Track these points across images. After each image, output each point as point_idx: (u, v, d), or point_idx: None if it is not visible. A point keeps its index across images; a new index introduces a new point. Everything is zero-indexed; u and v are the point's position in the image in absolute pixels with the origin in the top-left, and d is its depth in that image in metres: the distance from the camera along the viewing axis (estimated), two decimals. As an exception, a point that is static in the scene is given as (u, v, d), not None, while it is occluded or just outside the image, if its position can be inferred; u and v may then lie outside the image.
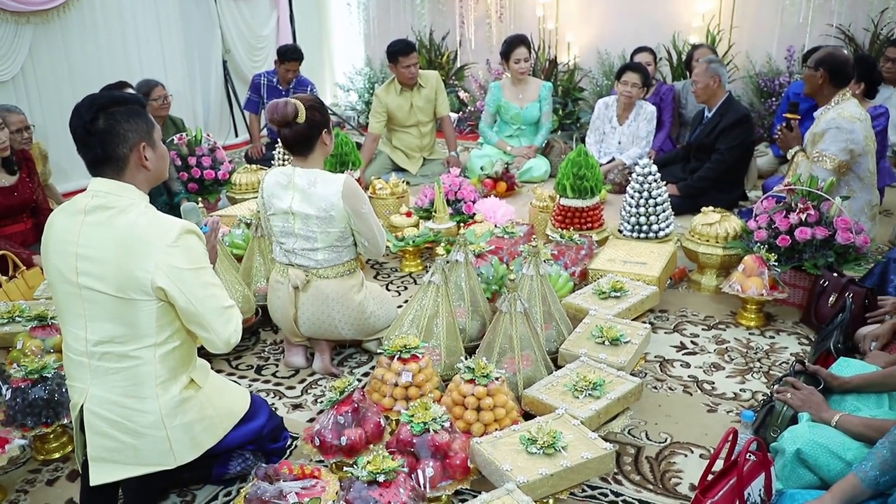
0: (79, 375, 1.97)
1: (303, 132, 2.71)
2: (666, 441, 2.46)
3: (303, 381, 2.92)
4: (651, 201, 3.82)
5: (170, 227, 1.89)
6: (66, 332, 1.98)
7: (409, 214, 4.32)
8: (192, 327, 1.96)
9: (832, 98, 3.77)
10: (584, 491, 2.20)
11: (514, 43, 5.61)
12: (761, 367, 2.92)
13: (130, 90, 4.32)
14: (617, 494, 2.21)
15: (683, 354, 3.05)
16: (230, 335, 1.97)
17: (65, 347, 2.01)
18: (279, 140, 2.81)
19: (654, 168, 3.85)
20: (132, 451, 1.96)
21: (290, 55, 6.13)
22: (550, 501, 2.11)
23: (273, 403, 2.74)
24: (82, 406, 1.96)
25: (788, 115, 4.09)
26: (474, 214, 4.26)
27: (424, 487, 2.06)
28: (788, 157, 4.03)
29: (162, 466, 2.00)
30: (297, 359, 3.01)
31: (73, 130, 1.91)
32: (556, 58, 7.66)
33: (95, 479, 1.97)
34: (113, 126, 1.90)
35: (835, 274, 3.15)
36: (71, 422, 2.41)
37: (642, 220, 3.83)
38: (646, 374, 2.88)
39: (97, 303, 1.89)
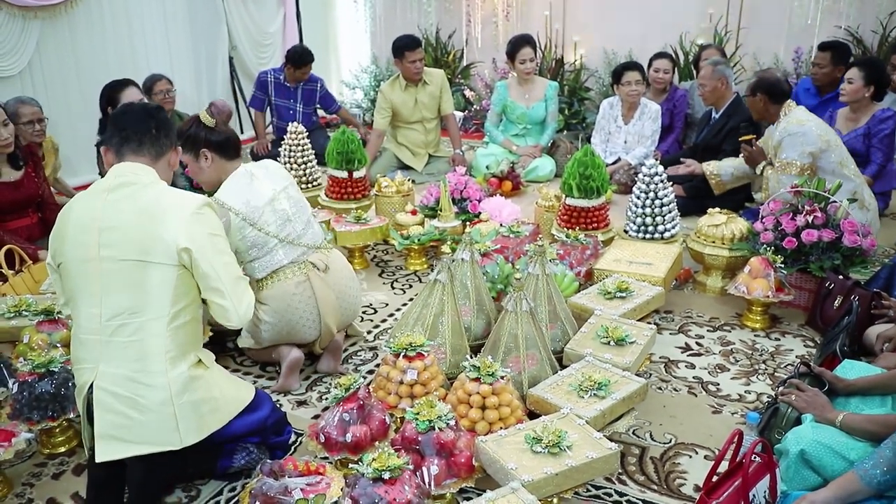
0: (88, 356, 2.00)
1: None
2: (670, 442, 2.46)
3: (307, 378, 2.92)
4: (657, 202, 3.81)
5: (193, 198, 2.05)
6: (78, 314, 2.02)
7: (414, 212, 4.32)
8: (209, 295, 2.03)
9: (779, 113, 3.93)
10: (588, 490, 2.21)
11: (520, 43, 5.60)
12: (766, 369, 2.92)
13: (135, 88, 4.32)
14: (621, 494, 2.21)
15: (688, 355, 3.05)
16: (245, 308, 2.07)
17: (75, 330, 2.04)
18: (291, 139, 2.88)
19: (661, 169, 3.85)
20: (139, 427, 1.98)
21: (305, 59, 6.09)
22: (555, 501, 2.11)
23: (277, 400, 2.74)
24: (90, 388, 1.98)
25: (744, 138, 4.26)
26: (480, 213, 4.26)
27: (429, 485, 2.06)
28: (757, 172, 4.13)
29: (167, 446, 2.00)
30: (293, 382, 2.83)
31: (129, 111, 2.14)
32: (562, 57, 7.65)
33: (101, 456, 1.99)
34: (170, 122, 2.20)
35: (840, 277, 3.14)
36: (76, 415, 2.43)
37: (648, 220, 3.83)
38: (651, 374, 2.88)
39: (114, 274, 1.95)
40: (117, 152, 2.09)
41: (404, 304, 3.58)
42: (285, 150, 4.84)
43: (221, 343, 3.07)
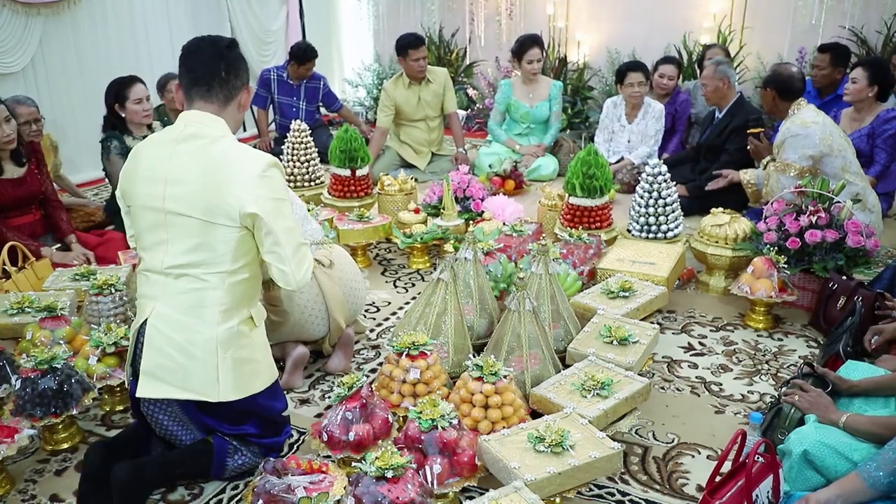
0: (151, 293, 2.08)
1: None
2: (673, 441, 2.46)
3: (310, 376, 2.92)
4: (661, 201, 3.81)
5: (260, 158, 2.02)
6: (144, 254, 2.10)
7: (417, 211, 4.32)
8: (269, 258, 2.03)
9: (788, 111, 3.88)
10: (590, 490, 2.21)
11: (528, 43, 5.59)
12: (769, 370, 2.92)
13: (141, 84, 4.32)
14: (624, 494, 2.21)
15: (691, 355, 3.05)
16: (303, 273, 2.07)
17: (141, 267, 2.12)
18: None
19: (664, 168, 3.84)
20: (182, 372, 2.02)
21: (308, 55, 6.11)
22: (557, 500, 2.11)
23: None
24: (144, 322, 2.04)
25: (752, 131, 4.30)
26: (483, 212, 4.26)
27: (432, 484, 2.06)
28: (761, 167, 4.12)
29: (206, 397, 2.04)
30: (297, 380, 2.84)
31: (199, 50, 2.06)
32: (565, 56, 7.64)
33: (141, 392, 2.06)
34: (241, 58, 2.12)
35: (844, 277, 3.13)
36: (79, 412, 2.44)
37: (651, 220, 3.82)
38: (653, 374, 2.88)
39: (181, 227, 2.00)
40: (187, 94, 2.08)
41: (407, 303, 3.58)
42: (288, 147, 4.84)
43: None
